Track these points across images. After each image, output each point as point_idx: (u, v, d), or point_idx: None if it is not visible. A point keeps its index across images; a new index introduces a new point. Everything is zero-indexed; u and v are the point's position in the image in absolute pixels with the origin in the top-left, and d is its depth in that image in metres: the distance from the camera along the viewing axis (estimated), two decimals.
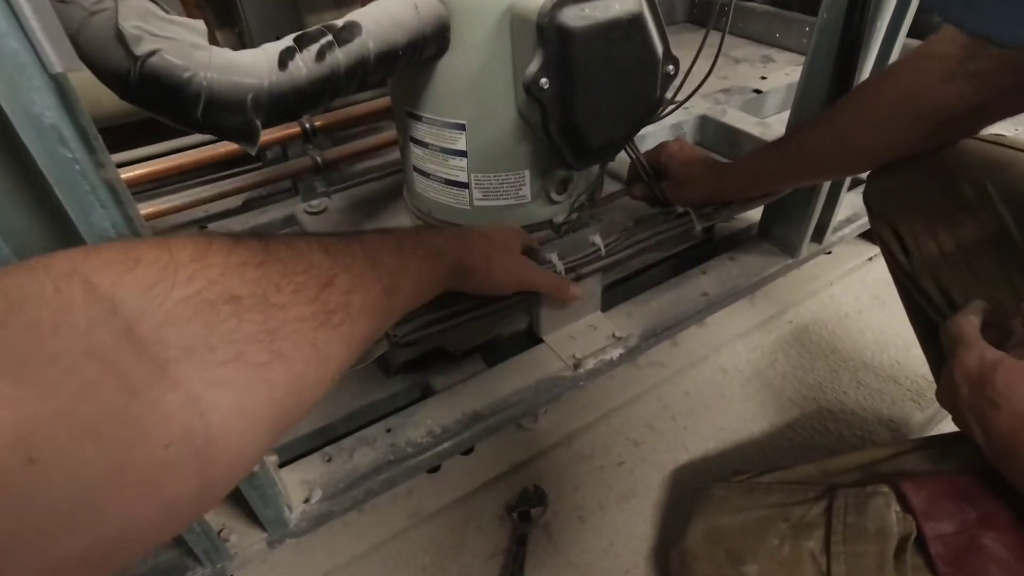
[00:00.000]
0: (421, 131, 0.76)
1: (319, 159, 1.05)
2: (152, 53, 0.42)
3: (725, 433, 0.80)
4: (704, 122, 1.33)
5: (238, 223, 1.08)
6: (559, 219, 0.81)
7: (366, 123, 1.11)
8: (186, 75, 0.44)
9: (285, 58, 0.50)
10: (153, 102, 0.44)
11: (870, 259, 1.05)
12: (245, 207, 1.12)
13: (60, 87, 0.29)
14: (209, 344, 0.25)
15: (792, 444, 0.78)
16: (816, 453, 0.77)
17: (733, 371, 0.88)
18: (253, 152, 0.50)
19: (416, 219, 0.88)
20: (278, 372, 0.28)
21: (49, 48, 0.28)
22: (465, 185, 0.77)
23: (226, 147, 0.99)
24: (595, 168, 0.82)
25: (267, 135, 1.00)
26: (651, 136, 1.21)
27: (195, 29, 0.45)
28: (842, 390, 0.85)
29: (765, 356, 0.90)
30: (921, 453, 0.51)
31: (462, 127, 0.72)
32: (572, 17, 0.59)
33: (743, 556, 0.50)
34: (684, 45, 0.79)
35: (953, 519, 0.44)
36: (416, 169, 0.81)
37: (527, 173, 0.76)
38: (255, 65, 0.49)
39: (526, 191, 0.78)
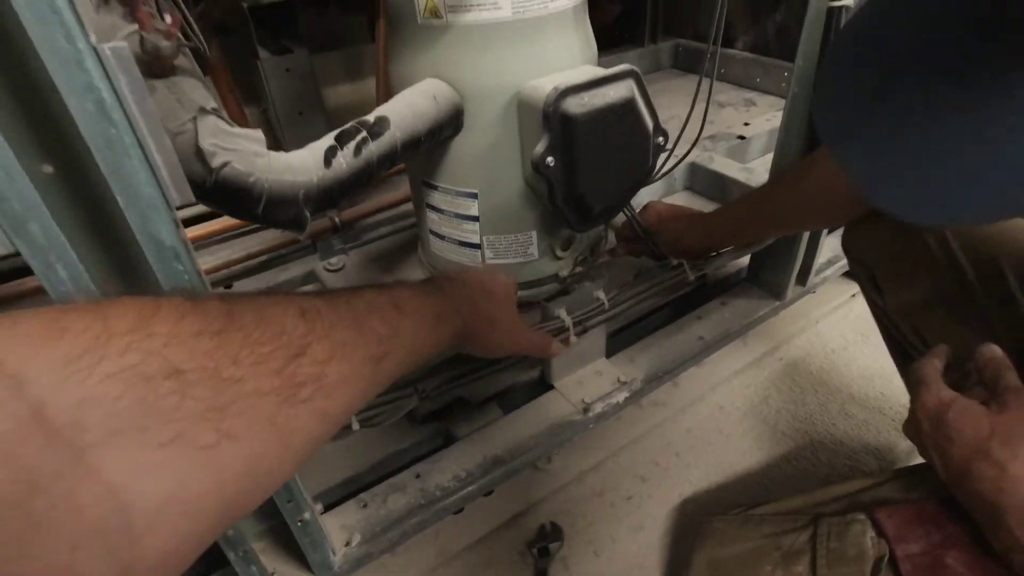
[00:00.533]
0: (436, 199, 0.84)
1: (337, 220, 1.13)
2: (225, 164, 0.50)
3: (725, 466, 0.86)
4: (694, 169, 1.42)
5: (260, 281, 1.15)
6: (564, 273, 0.89)
7: (381, 184, 1.20)
8: (251, 180, 0.51)
9: (329, 156, 0.58)
10: (223, 203, 0.51)
11: (853, 296, 1.13)
12: (266, 266, 1.19)
13: (175, 217, 0.37)
14: (142, 425, 0.22)
15: (787, 474, 0.84)
16: (810, 482, 0.83)
17: (730, 408, 0.95)
18: (302, 238, 0.58)
19: (430, 275, 0.95)
20: (228, 454, 0.25)
21: (173, 190, 0.36)
22: (477, 246, 0.84)
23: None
24: (597, 229, 0.90)
25: None
26: (646, 189, 1.30)
27: (256, 139, 0.53)
28: (831, 422, 0.92)
29: (759, 392, 0.97)
30: (895, 483, 0.57)
31: (474, 195, 0.80)
32: (573, 105, 0.67)
33: None
34: (671, 91, 0.88)
35: (920, 541, 0.50)
36: (432, 232, 0.89)
37: (534, 234, 0.84)
38: (305, 164, 0.56)
39: (533, 249, 0.85)
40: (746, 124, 1.66)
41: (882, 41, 0.32)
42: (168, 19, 0.47)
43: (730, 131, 1.60)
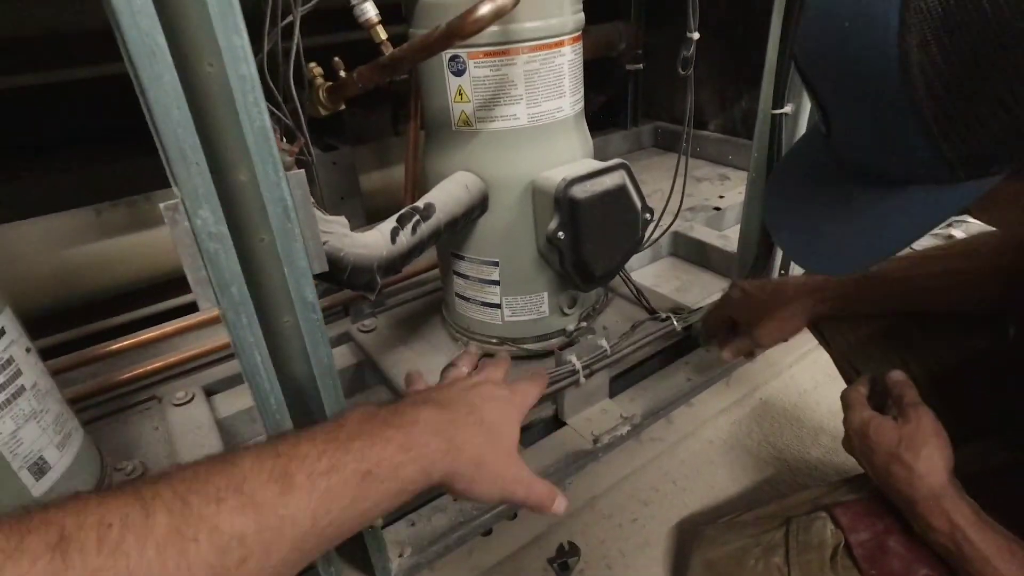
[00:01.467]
0: (463, 267, 1.01)
1: None
2: (324, 243, 0.66)
3: (715, 491, 0.99)
4: (676, 237, 1.61)
5: None
6: (570, 327, 1.05)
7: None
8: (341, 254, 0.68)
9: (394, 234, 0.75)
10: (321, 274, 0.67)
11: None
12: None
13: (313, 280, 0.53)
14: None
15: (768, 495, 0.98)
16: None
17: (718, 441, 1.09)
18: (373, 299, 0.74)
19: (454, 335, 1.11)
20: None
21: (315, 263, 0.52)
22: (498, 306, 1.01)
23: None
24: (597, 289, 1.07)
25: None
26: (636, 257, 1.49)
27: (343, 223, 0.70)
28: (806, 450, 1.06)
29: (742, 427, 1.11)
30: (846, 487, 0.71)
31: (496, 263, 0.98)
32: (579, 191, 0.85)
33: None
34: (652, 167, 1.06)
35: (868, 530, 0.63)
36: (458, 295, 1.05)
37: (545, 295, 1.01)
38: (376, 241, 0.73)
39: (544, 308, 1.02)
40: (721, 197, 1.87)
41: (792, 171, 0.50)
42: (285, 141, 0.65)
43: (707, 203, 1.82)
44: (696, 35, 0.82)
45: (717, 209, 1.75)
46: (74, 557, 0.24)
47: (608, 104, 2.35)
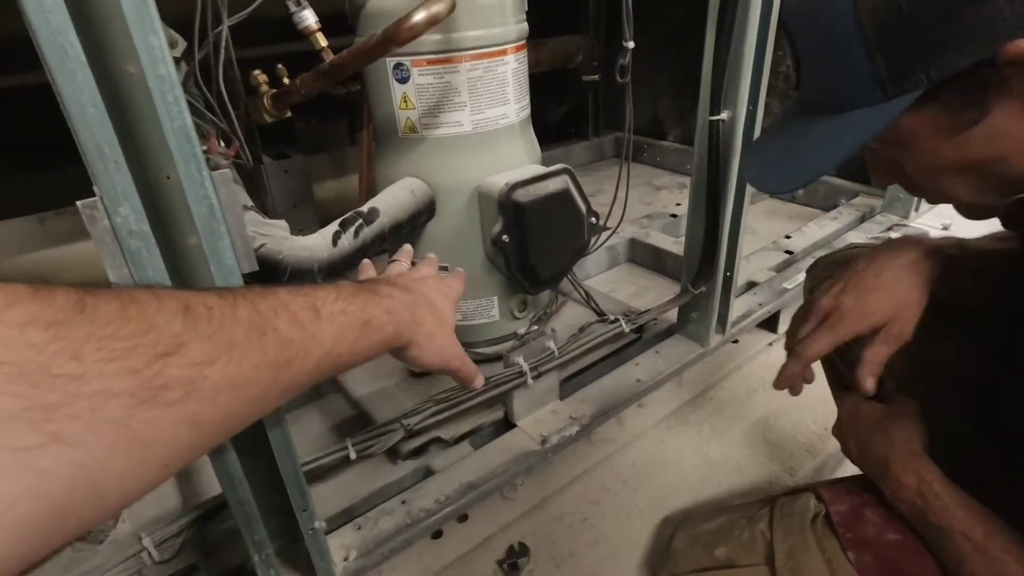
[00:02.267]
0: None
1: None
2: (261, 246, 0.67)
3: (667, 490, 1.01)
4: (633, 244, 1.64)
5: None
6: (521, 331, 1.06)
7: None
8: (279, 256, 0.69)
9: (336, 238, 0.76)
10: (259, 275, 0.68)
11: (769, 344, 1.33)
12: None
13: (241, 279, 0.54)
14: None
15: (718, 492, 1.00)
16: (736, 497, 0.99)
17: (669, 441, 1.11)
18: None
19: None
20: (53, 458, 0.23)
21: (244, 261, 0.53)
22: None
23: None
24: (548, 292, 1.09)
25: None
26: (590, 261, 1.51)
27: (282, 227, 0.71)
28: (753, 448, 1.09)
29: (693, 427, 1.14)
30: (826, 482, 0.74)
31: (445, 268, 0.98)
32: (521, 195, 0.87)
33: (715, 544, 0.71)
34: (613, 177, 1.08)
35: (847, 503, 0.66)
36: None
37: (495, 298, 1.02)
38: (318, 245, 0.74)
39: (495, 311, 1.03)
40: (678, 204, 1.92)
41: (769, 132, 0.58)
42: (222, 145, 0.66)
43: (665, 210, 1.85)
44: (631, 44, 0.85)
45: (674, 216, 1.79)
46: (198, 321, 0.30)
47: (570, 115, 2.40)
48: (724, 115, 0.93)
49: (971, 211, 0.51)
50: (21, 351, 0.23)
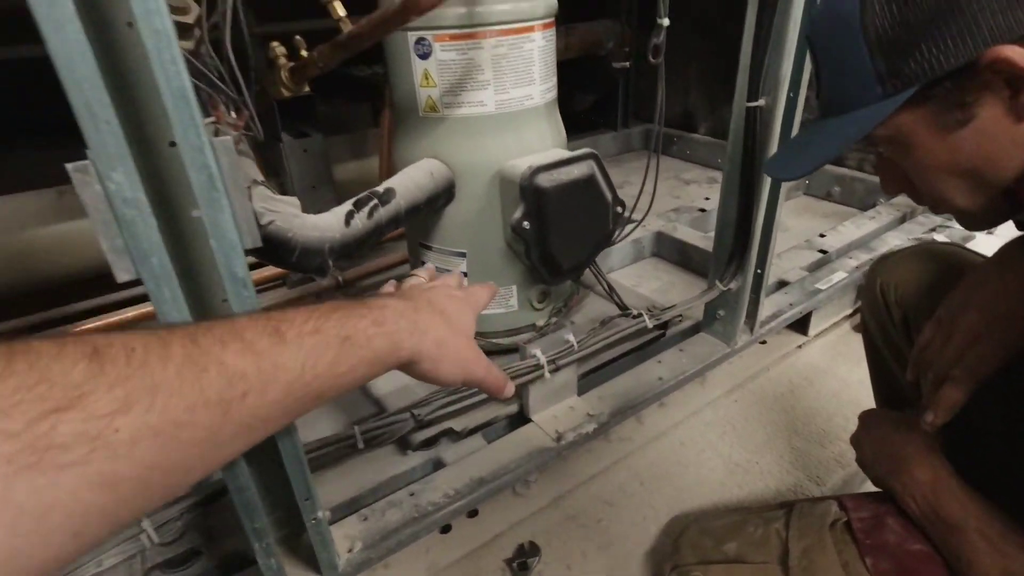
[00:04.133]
0: (431, 257, 0.99)
1: (340, 278, 1.27)
2: (270, 223, 0.64)
3: (685, 494, 0.97)
4: (659, 237, 1.59)
5: None
6: (540, 323, 1.03)
7: (378, 248, 1.35)
8: (289, 234, 0.66)
9: (348, 217, 0.73)
10: (267, 253, 0.65)
11: (799, 347, 1.27)
12: None
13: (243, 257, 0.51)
14: None
15: (738, 498, 0.95)
16: (758, 503, 0.94)
17: (689, 443, 1.06)
18: (324, 281, 0.71)
19: None
20: None
21: (247, 236, 0.50)
22: None
23: (258, 273, 1.21)
24: (569, 284, 1.05)
25: None
26: (614, 253, 1.47)
27: (293, 204, 0.68)
28: (779, 454, 1.04)
29: (715, 429, 1.09)
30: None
31: (463, 254, 0.95)
32: (544, 180, 0.83)
33: (725, 539, 0.68)
34: (641, 169, 1.04)
35: (870, 510, 0.63)
36: None
37: (514, 288, 0.98)
38: (329, 224, 0.71)
39: (514, 301, 0.99)
40: (707, 199, 1.86)
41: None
42: (234, 115, 0.63)
43: (693, 204, 1.80)
44: (666, 21, 0.80)
45: (702, 211, 1.73)
46: (107, 366, 0.27)
47: (598, 104, 2.34)
48: (762, 101, 0.87)
49: (968, 220, 0.54)
50: None
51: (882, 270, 0.77)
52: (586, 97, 2.25)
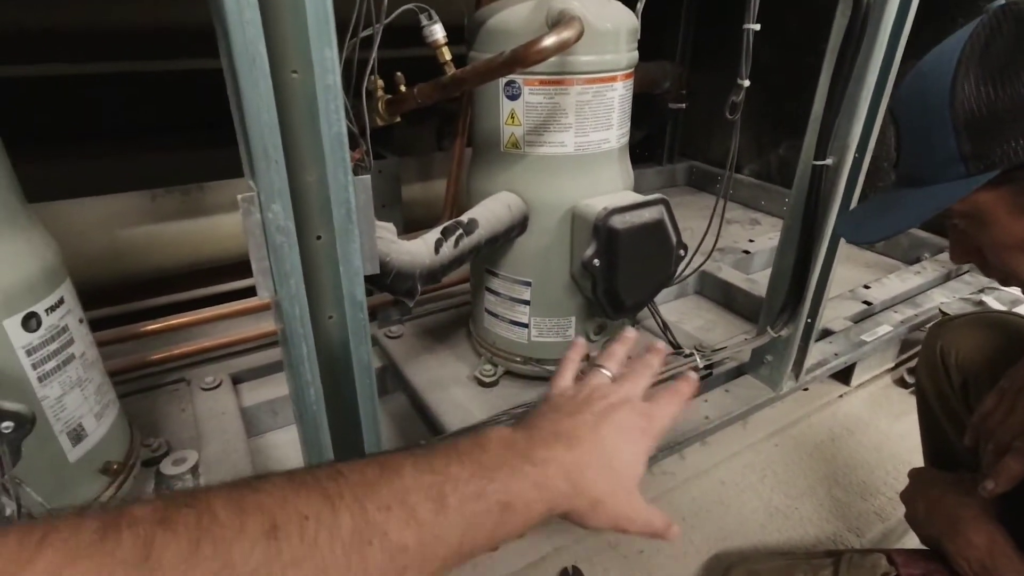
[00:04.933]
0: (496, 284, 1.03)
1: None
2: None
3: (724, 532, 0.99)
4: (703, 276, 1.62)
5: None
6: (594, 354, 1.06)
7: None
8: (387, 259, 0.71)
9: (438, 245, 0.78)
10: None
11: (840, 396, 1.29)
12: None
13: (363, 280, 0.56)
14: None
15: (778, 542, 0.98)
16: (798, 549, 0.96)
17: (730, 483, 1.09)
18: (411, 305, 0.76)
19: (478, 349, 1.13)
20: None
21: (368, 264, 0.55)
22: (526, 325, 1.03)
23: None
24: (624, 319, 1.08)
25: None
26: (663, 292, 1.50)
27: (391, 229, 0.73)
28: (819, 502, 1.05)
29: (756, 472, 1.11)
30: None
31: (528, 284, 1.00)
32: (618, 221, 0.87)
33: None
34: (684, 205, 1.08)
35: (920, 568, 0.66)
36: (487, 311, 1.07)
37: (573, 319, 1.02)
38: (420, 251, 0.76)
39: (571, 332, 1.03)
40: (751, 240, 1.88)
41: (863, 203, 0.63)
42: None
43: (736, 245, 1.83)
44: (747, 82, 0.85)
45: (746, 252, 1.76)
46: (282, 545, 0.28)
47: (646, 139, 2.39)
48: (830, 160, 0.91)
49: None
50: None
51: (943, 333, 0.79)
52: (635, 132, 2.30)
